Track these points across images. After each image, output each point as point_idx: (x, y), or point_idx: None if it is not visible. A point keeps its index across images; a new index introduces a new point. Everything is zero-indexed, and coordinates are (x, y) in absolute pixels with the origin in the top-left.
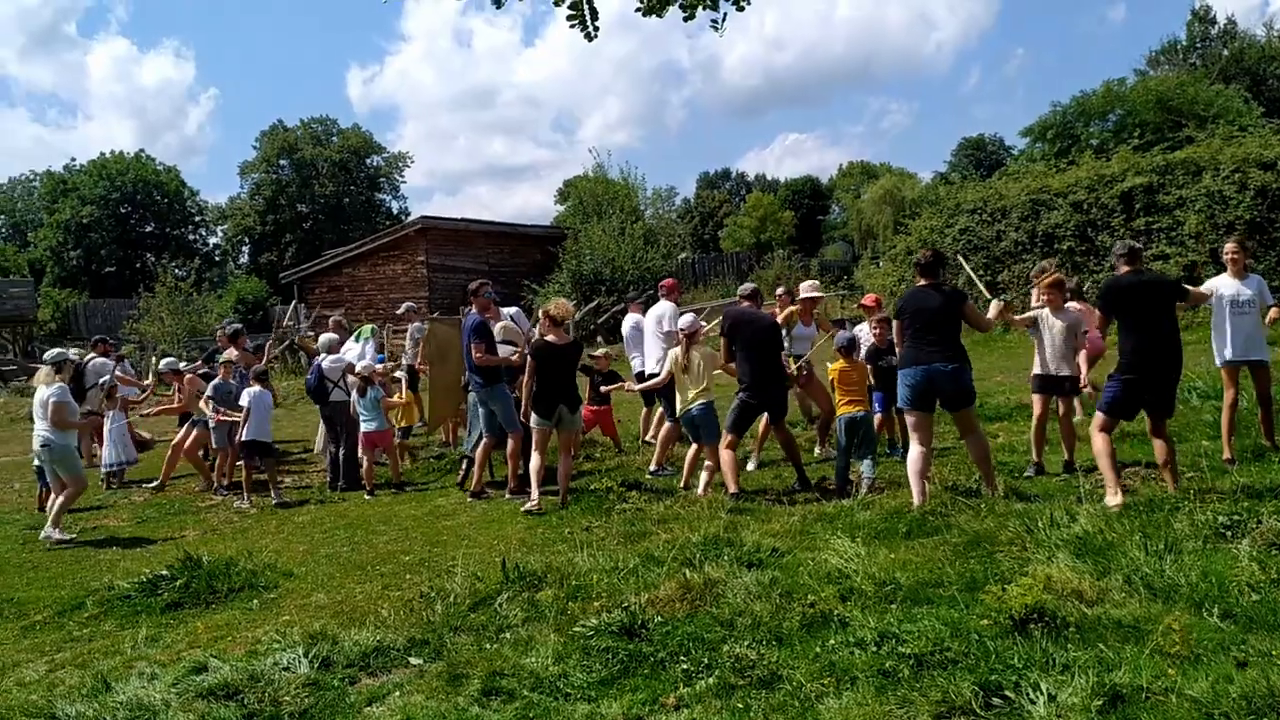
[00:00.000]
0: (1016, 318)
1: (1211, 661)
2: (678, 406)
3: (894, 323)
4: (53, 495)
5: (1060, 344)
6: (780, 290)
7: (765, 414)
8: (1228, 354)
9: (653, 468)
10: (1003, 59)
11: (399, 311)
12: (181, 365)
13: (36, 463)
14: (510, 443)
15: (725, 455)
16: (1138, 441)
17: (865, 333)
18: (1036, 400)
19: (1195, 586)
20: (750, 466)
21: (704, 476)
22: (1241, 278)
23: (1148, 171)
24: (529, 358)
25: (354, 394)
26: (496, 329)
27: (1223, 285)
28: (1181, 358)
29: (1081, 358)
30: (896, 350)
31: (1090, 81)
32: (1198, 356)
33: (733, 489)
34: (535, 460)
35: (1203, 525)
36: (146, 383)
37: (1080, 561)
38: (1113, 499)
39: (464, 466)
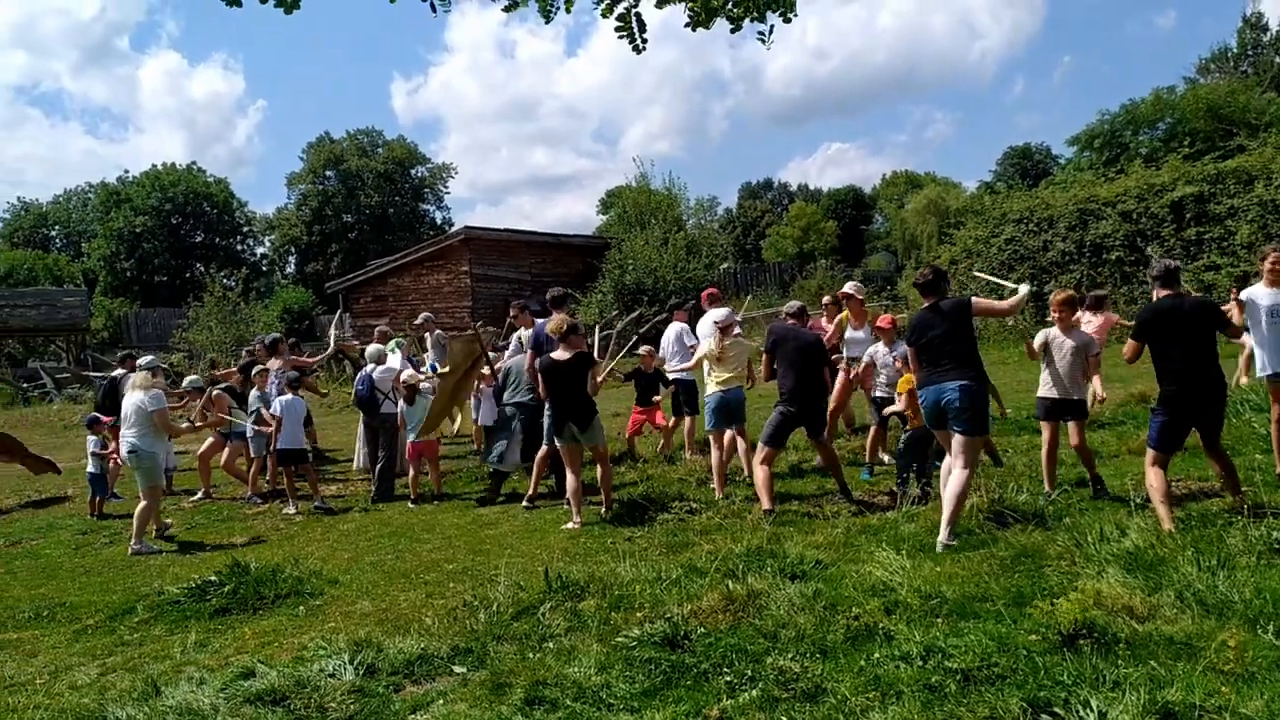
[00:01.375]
0: (1026, 342)
1: (1266, 680)
2: (708, 391)
3: (908, 348)
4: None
5: (1070, 366)
6: (826, 299)
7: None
8: (1271, 366)
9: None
10: (1049, 67)
11: (416, 321)
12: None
13: (91, 469)
14: (544, 454)
15: (760, 472)
16: (1189, 455)
17: (881, 352)
18: (1045, 427)
19: (1249, 603)
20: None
21: (714, 456)
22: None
23: (1198, 181)
24: (540, 376)
25: (401, 403)
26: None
27: (1260, 295)
28: (1224, 382)
29: (1096, 381)
30: (914, 376)
31: (1139, 89)
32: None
33: (767, 505)
34: (570, 482)
35: (1256, 541)
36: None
37: (1131, 577)
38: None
39: (492, 479)
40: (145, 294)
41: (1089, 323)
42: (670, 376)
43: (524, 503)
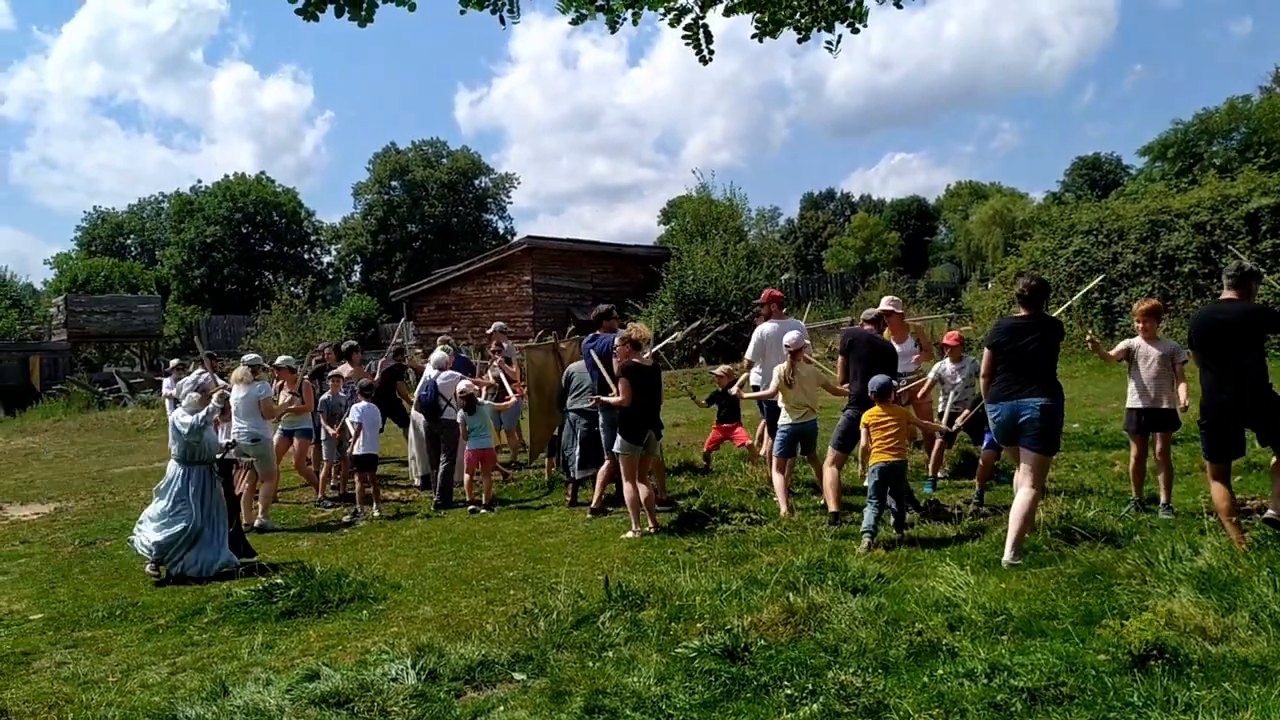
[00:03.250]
0: (1108, 352)
1: None
2: (781, 420)
3: (985, 352)
4: (246, 488)
5: (1158, 375)
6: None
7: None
8: None
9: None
10: (1120, 75)
11: (490, 331)
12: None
13: None
14: (608, 464)
15: (828, 474)
16: (1261, 473)
17: (949, 369)
18: (1134, 440)
19: None
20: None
21: (778, 483)
22: None
23: (1275, 192)
24: (623, 378)
25: (460, 412)
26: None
27: None
28: (1267, 388)
29: (1183, 389)
30: (982, 384)
31: (1213, 98)
32: None
33: (833, 508)
34: (643, 491)
35: None
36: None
37: (1203, 597)
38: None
39: (569, 487)
40: (215, 301)
41: None
42: (747, 396)
43: (590, 513)
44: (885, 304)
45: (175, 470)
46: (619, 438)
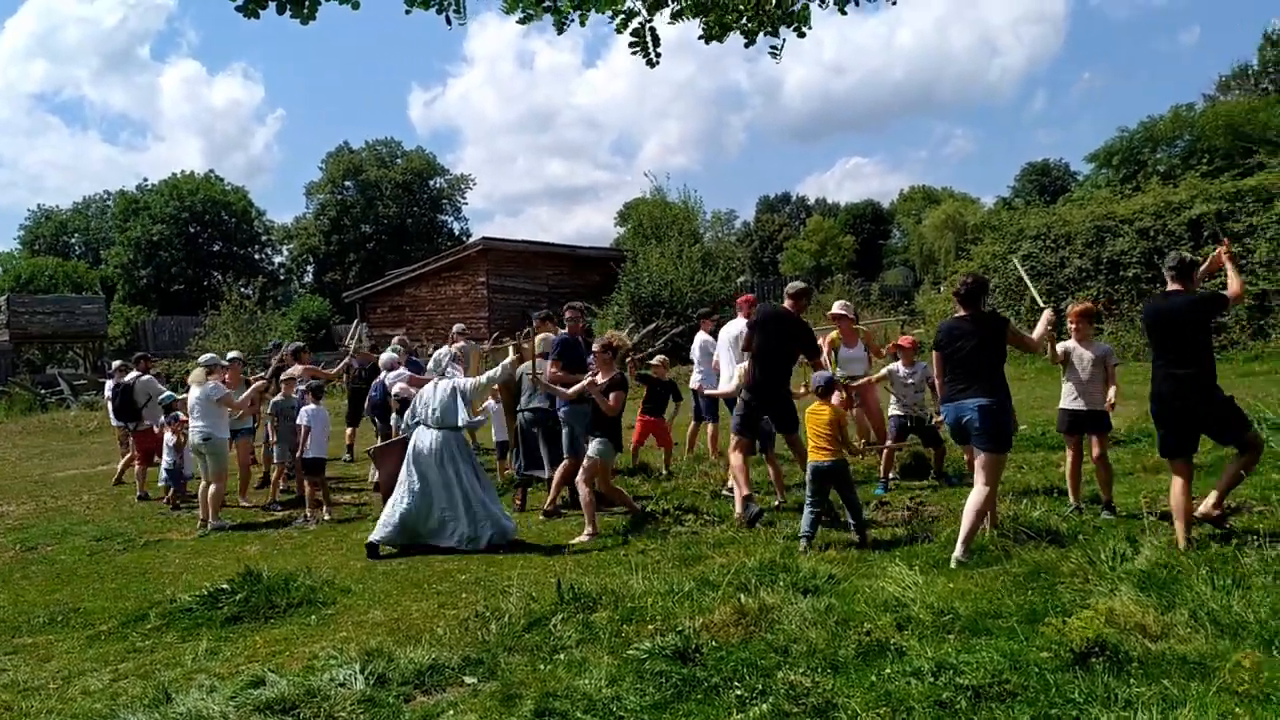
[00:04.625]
0: (1050, 345)
1: None
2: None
3: (934, 355)
4: (204, 486)
5: (1091, 377)
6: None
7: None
8: None
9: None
10: (1069, 83)
11: (454, 331)
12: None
13: (166, 465)
14: (566, 465)
15: (735, 458)
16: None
17: (901, 371)
18: (1069, 441)
19: (1265, 624)
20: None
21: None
22: None
23: (1217, 198)
24: (617, 389)
25: (394, 415)
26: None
27: None
28: (1213, 383)
29: (1112, 391)
30: (937, 385)
31: (1158, 107)
32: (1269, 387)
33: (744, 491)
34: (600, 488)
35: (1273, 561)
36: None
37: (1144, 595)
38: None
39: (519, 491)
40: (162, 302)
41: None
42: (691, 385)
43: (543, 515)
44: (837, 308)
45: None
46: (600, 442)
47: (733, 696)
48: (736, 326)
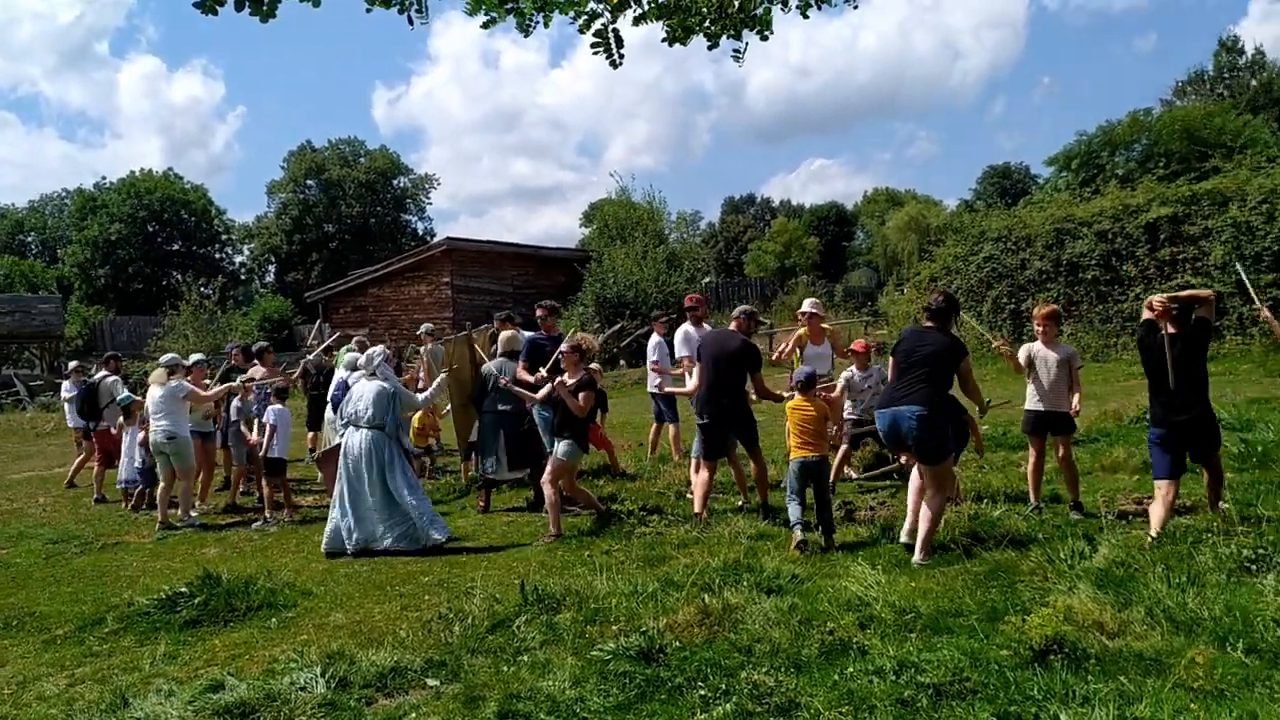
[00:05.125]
0: (1006, 351)
1: (1235, 697)
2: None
3: (890, 359)
4: (162, 487)
5: (1056, 379)
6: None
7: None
8: None
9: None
10: (1029, 87)
11: (419, 332)
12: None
13: (138, 464)
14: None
15: (701, 475)
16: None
17: (856, 377)
18: (1032, 441)
19: (1219, 620)
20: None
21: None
22: None
23: (1173, 202)
24: (586, 390)
25: None
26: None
27: None
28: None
29: (1076, 396)
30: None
31: (1116, 111)
32: (1223, 387)
33: (698, 509)
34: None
35: (1227, 559)
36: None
37: (1101, 593)
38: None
39: (483, 493)
40: (121, 302)
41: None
42: (649, 388)
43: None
44: (807, 305)
45: None
46: (568, 444)
47: (696, 696)
48: (686, 328)
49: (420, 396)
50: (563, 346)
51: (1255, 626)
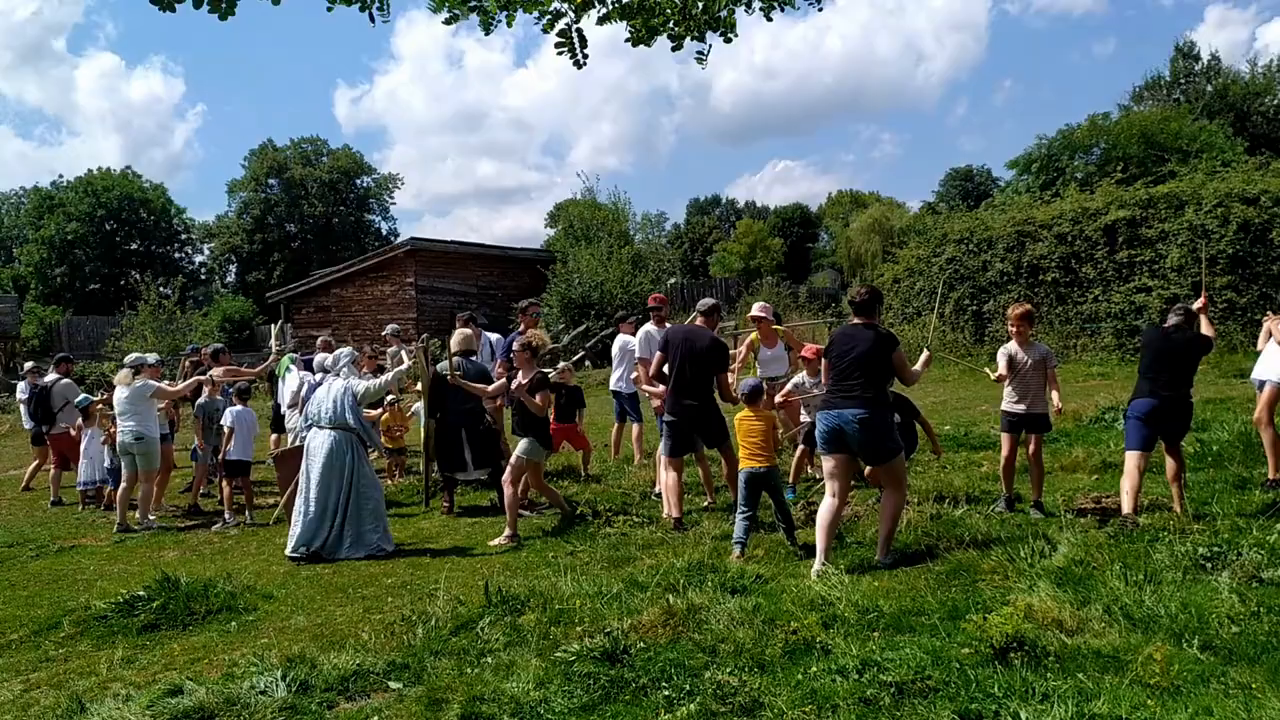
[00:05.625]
0: (1003, 374)
1: (1191, 693)
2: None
3: (824, 361)
4: (123, 487)
5: (1032, 379)
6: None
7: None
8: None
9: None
10: (990, 90)
11: (385, 333)
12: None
13: (107, 464)
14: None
15: (669, 476)
16: (1117, 472)
17: (807, 382)
18: (1005, 439)
19: (1175, 618)
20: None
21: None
22: None
23: (1131, 205)
24: (544, 389)
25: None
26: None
27: None
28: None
29: (1055, 395)
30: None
31: (1077, 114)
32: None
33: (674, 513)
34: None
35: (1183, 556)
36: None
37: (1061, 591)
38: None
39: (446, 494)
40: (77, 302)
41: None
42: (611, 387)
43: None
44: (756, 310)
45: None
46: (527, 442)
47: (660, 697)
48: (647, 328)
49: (376, 382)
50: (513, 344)
51: (1210, 623)
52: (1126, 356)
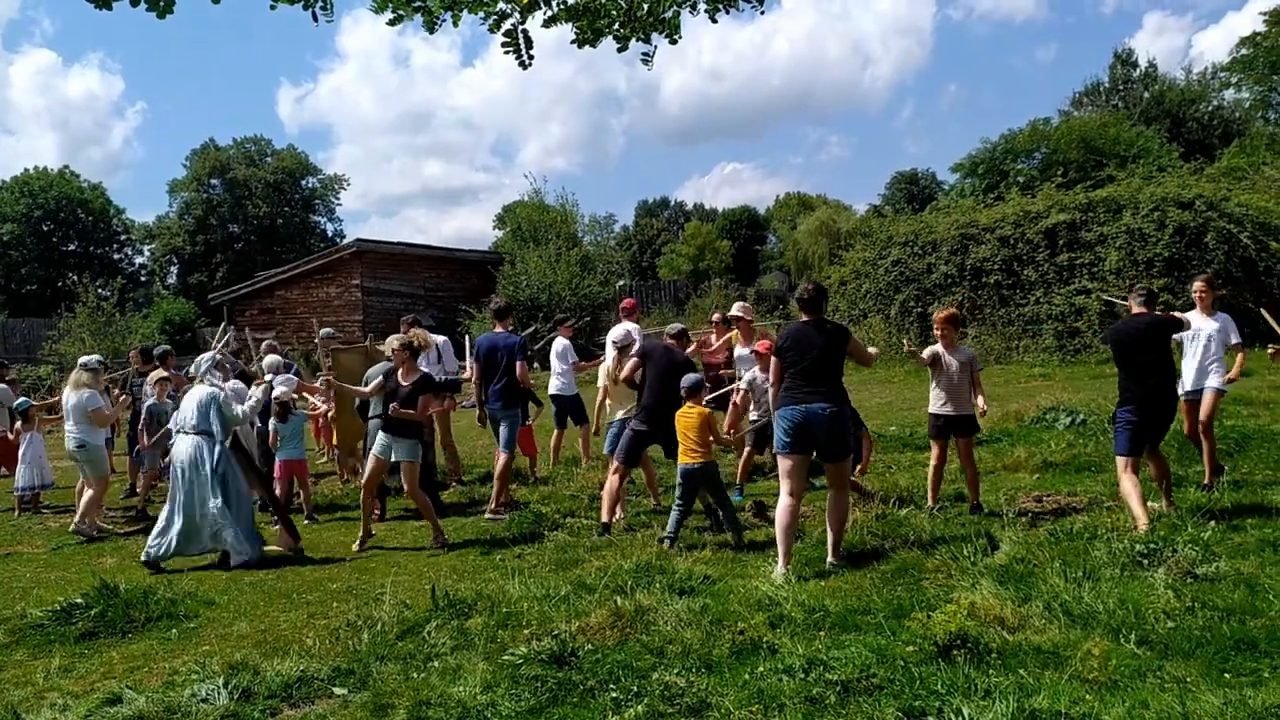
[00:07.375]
0: (915, 352)
1: (1128, 688)
2: (608, 416)
3: (773, 361)
4: (78, 488)
5: (958, 382)
6: (716, 317)
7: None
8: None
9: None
10: (935, 95)
11: (318, 337)
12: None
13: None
14: (505, 460)
15: (612, 480)
16: (1057, 472)
17: (759, 378)
18: (935, 444)
19: (1113, 614)
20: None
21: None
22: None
23: (1071, 209)
24: (428, 388)
25: (273, 420)
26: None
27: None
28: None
29: (980, 398)
30: (771, 392)
31: (1018, 119)
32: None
33: (605, 518)
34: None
35: (1120, 554)
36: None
37: (1003, 589)
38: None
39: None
40: (13, 304)
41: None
42: (551, 391)
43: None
44: (736, 309)
45: None
46: (409, 445)
47: (608, 699)
48: (620, 329)
49: (239, 409)
50: (393, 344)
51: (1147, 619)
52: (1067, 357)
